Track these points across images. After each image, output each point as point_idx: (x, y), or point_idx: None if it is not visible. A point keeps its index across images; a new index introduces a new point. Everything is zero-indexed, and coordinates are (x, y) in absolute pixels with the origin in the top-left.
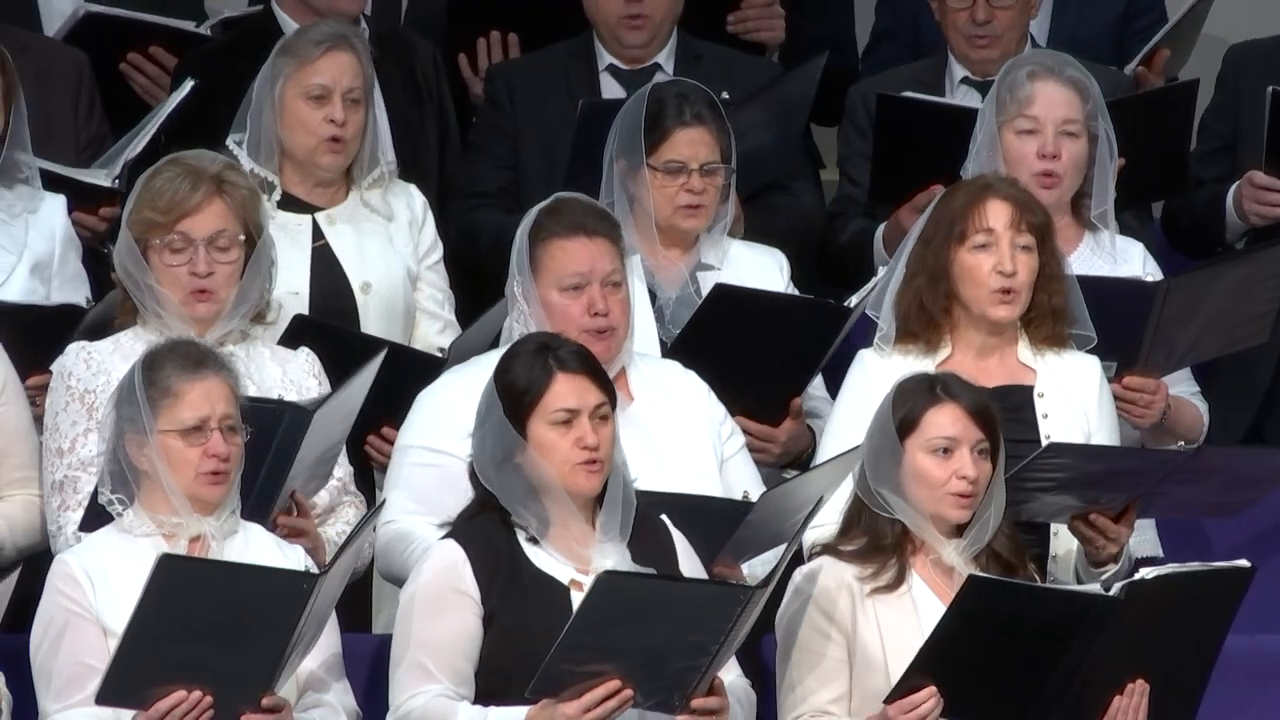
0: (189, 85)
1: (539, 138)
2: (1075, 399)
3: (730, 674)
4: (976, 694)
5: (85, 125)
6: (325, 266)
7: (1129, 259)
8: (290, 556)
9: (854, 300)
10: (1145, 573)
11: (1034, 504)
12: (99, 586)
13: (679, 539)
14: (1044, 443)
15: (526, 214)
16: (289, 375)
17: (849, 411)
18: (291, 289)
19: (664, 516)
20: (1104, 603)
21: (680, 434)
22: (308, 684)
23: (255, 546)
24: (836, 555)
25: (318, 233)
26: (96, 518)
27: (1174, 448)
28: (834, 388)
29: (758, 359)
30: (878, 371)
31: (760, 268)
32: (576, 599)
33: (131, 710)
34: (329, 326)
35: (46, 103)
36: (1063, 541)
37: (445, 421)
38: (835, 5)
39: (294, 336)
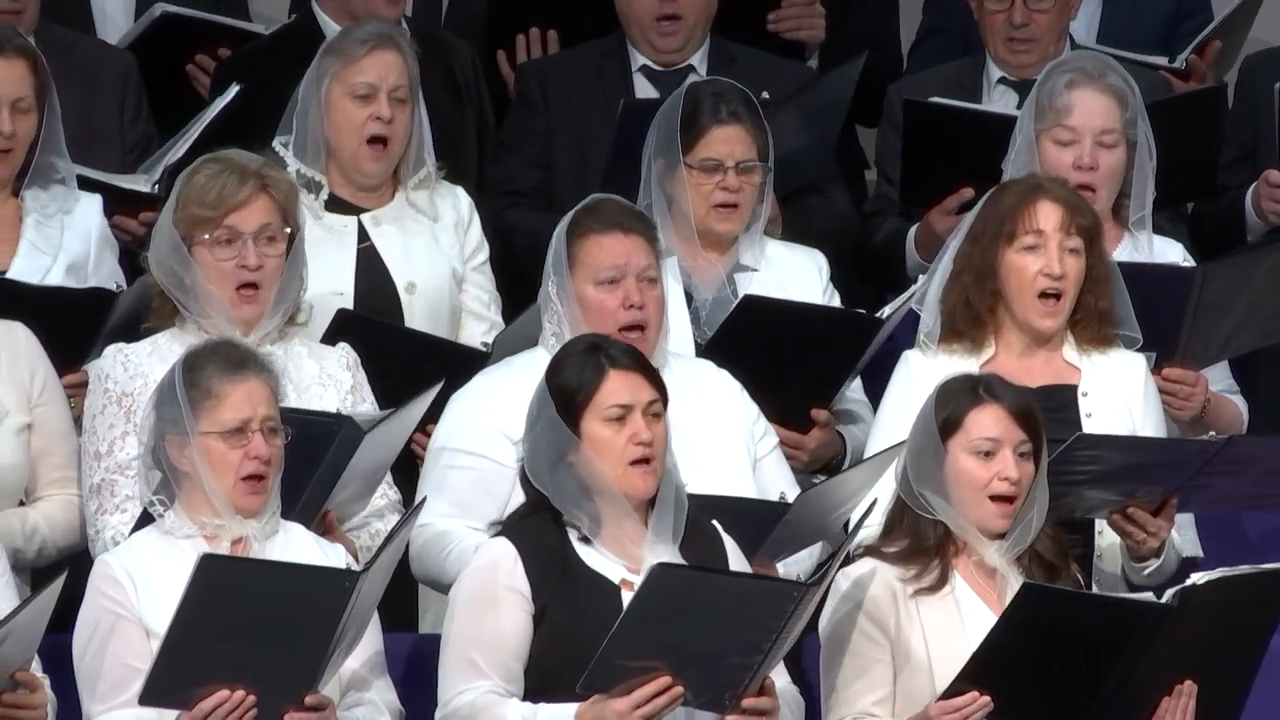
0: (234, 90)
1: (571, 137)
2: (1119, 397)
3: (780, 679)
4: (1028, 700)
5: (131, 127)
6: (370, 267)
7: (1168, 260)
8: (331, 555)
9: (887, 311)
10: (1196, 578)
11: (1071, 498)
12: (141, 588)
13: (730, 544)
14: None
15: (564, 216)
16: (325, 370)
17: (894, 413)
18: (336, 289)
19: (715, 521)
20: (1158, 610)
21: (713, 434)
22: (350, 683)
23: (296, 546)
24: (879, 557)
25: (363, 234)
26: (148, 521)
27: (1206, 437)
28: (873, 390)
29: (788, 367)
30: (922, 372)
31: (799, 269)
32: (628, 599)
33: (175, 711)
34: (372, 321)
35: (92, 104)
36: (1107, 539)
37: (478, 424)
38: (879, 2)
39: (337, 331)
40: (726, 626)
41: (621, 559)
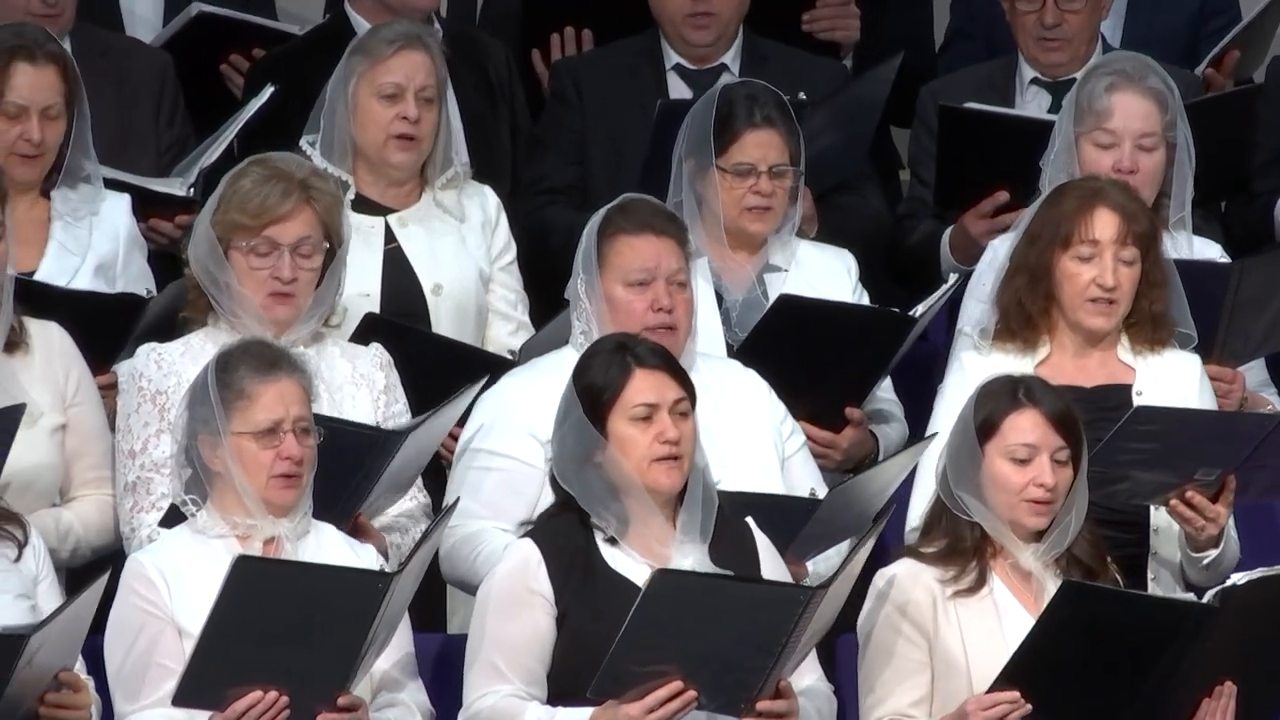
0: (268, 92)
1: (605, 134)
2: (1174, 396)
3: (810, 677)
4: (1068, 701)
5: (167, 128)
6: (397, 268)
7: (1207, 259)
8: (362, 556)
9: (919, 310)
10: (1237, 578)
11: (1128, 484)
12: (174, 587)
13: (763, 543)
14: None
15: (595, 213)
16: (358, 370)
17: (950, 414)
18: (363, 290)
19: (749, 519)
20: (1199, 610)
21: (741, 434)
22: (382, 684)
23: (327, 546)
24: (917, 557)
25: (390, 235)
26: (175, 518)
27: (1265, 411)
28: (903, 389)
29: (822, 366)
30: (976, 372)
31: (828, 269)
32: None
33: (208, 711)
34: (399, 325)
35: (128, 104)
36: (1163, 537)
37: (506, 424)
38: (914, 3)
39: (364, 335)
40: (734, 631)
41: (648, 559)
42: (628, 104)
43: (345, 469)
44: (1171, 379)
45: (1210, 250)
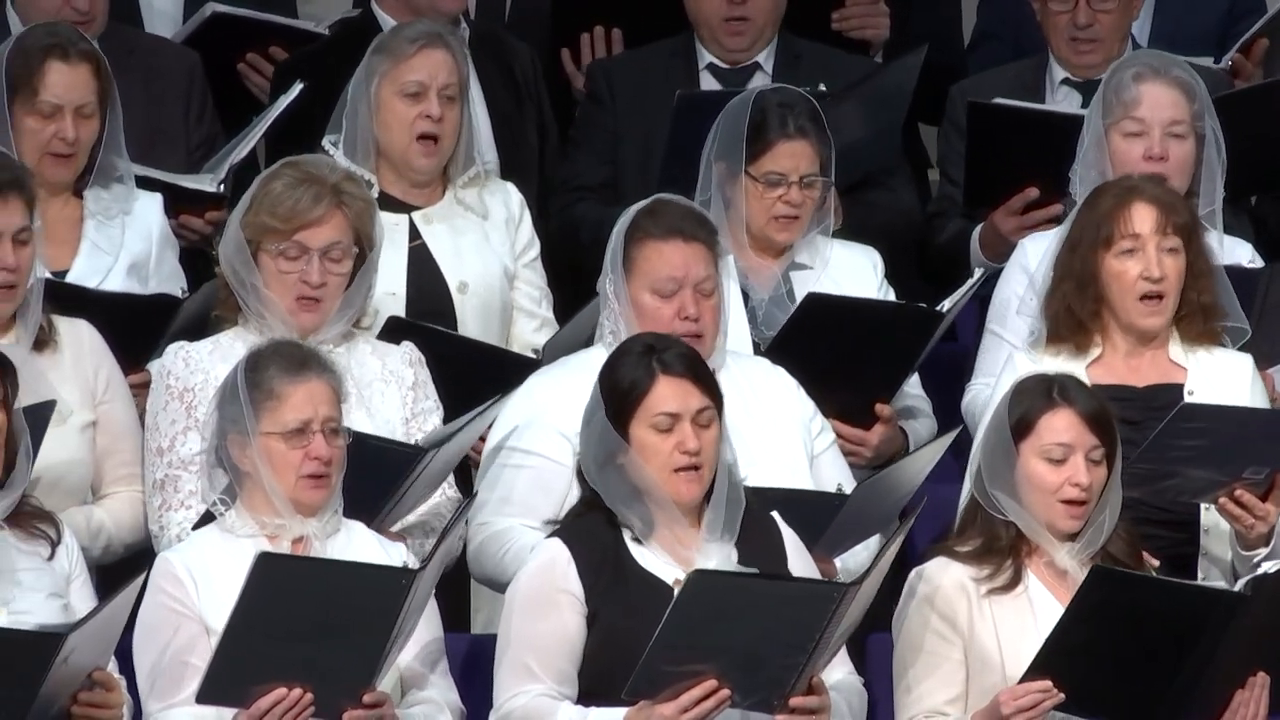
0: (297, 89)
1: (639, 135)
2: (1226, 396)
3: (840, 671)
4: (1101, 689)
5: (196, 127)
6: (422, 266)
7: (1236, 259)
8: (392, 554)
9: (946, 304)
10: (1268, 567)
11: (1176, 480)
12: (202, 586)
13: (790, 537)
14: None
15: (624, 213)
16: (388, 367)
17: None
18: (389, 289)
19: (775, 514)
20: (1230, 598)
21: (770, 432)
22: (410, 681)
23: (357, 544)
24: (952, 555)
25: (414, 232)
26: (208, 521)
27: None
28: (932, 386)
29: (851, 363)
30: (1028, 374)
31: (855, 266)
32: None
33: (233, 709)
34: (421, 327)
35: (156, 103)
36: (1213, 536)
37: (534, 421)
38: (943, 2)
39: (388, 338)
40: (768, 629)
41: (675, 560)
42: (661, 104)
43: (370, 482)
44: (1223, 378)
45: (1241, 250)
